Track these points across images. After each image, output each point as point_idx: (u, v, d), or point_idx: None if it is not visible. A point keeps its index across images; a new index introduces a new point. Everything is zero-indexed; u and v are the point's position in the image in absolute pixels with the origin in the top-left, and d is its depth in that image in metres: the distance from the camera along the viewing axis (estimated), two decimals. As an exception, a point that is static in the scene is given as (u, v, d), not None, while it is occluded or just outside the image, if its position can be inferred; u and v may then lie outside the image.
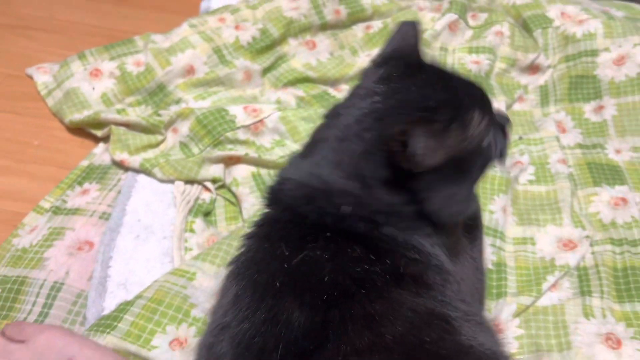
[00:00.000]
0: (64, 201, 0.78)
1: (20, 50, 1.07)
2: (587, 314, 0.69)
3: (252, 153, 0.82)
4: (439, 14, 1.06)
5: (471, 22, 1.06)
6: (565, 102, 0.99)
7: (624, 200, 0.81)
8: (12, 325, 0.53)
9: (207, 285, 0.61)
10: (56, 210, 0.76)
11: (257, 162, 0.83)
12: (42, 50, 1.08)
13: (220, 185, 0.80)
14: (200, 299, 0.59)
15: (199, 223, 0.73)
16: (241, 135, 0.83)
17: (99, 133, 0.89)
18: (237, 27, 0.99)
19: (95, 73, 0.95)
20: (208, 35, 0.97)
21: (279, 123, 0.85)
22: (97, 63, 0.97)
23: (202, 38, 0.97)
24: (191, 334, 0.56)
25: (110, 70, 0.95)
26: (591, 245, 0.75)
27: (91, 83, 0.94)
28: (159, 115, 0.90)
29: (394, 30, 0.56)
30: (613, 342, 0.67)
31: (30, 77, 0.99)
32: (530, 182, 0.82)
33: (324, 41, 1.01)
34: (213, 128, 0.82)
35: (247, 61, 0.96)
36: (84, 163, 0.85)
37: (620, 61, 0.97)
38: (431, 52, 1.00)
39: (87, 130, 0.90)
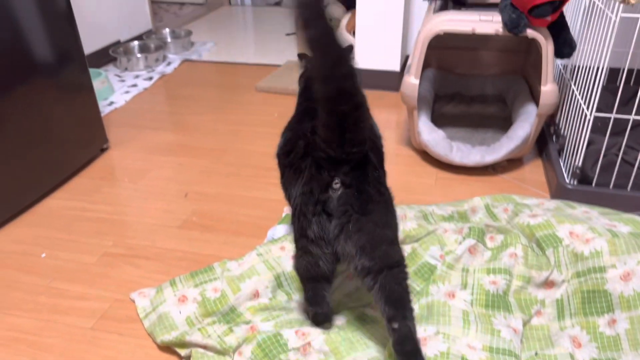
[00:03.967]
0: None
1: (127, 277, 1.36)
2: None
3: (300, 372, 1.00)
4: (461, 236, 1.26)
5: (489, 244, 1.24)
6: (580, 315, 1.10)
7: (637, 419, 0.89)
8: None
9: None
10: None
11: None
12: (144, 275, 1.36)
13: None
14: None
15: None
16: (292, 356, 1.01)
17: (182, 352, 1.10)
18: (292, 258, 1.24)
19: (182, 299, 1.20)
20: (271, 264, 1.22)
21: (323, 345, 1.03)
22: (184, 290, 1.22)
23: (266, 266, 1.22)
24: None
25: (194, 296, 1.20)
26: None
27: (179, 307, 1.19)
28: (232, 331, 1.11)
29: None
30: None
31: (133, 301, 1.26)
32: (541, 402, 0.92)
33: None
34: (270, 351, 1.01)
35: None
36: (169, 380, 1.06)
37: (627, 277, 1.09)
38: (455, 273, 1.18)
39: (173, 349, 1.13)
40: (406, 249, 1.26)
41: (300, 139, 1.00)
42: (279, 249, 1.28)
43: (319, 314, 1.09)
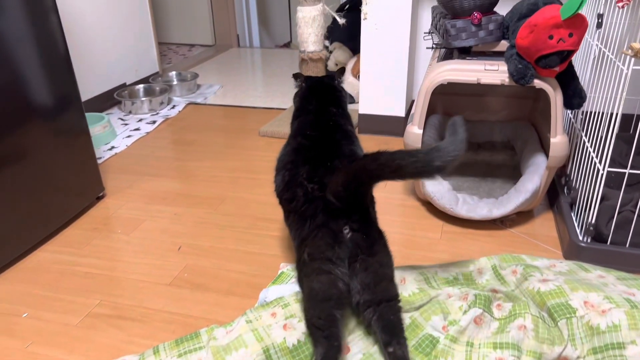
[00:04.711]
0: None
1: (110, 341, 1.27)
2: None
3: None
4: (466, 303, 1.16)
5: (496, 313, 1.14)
6: (598, 399, 1.00)
7: None
8: None
9: None
10: None
11: None
12: (127, 340, 1.28)
13: None
14: None
15: None
16: None
17: None
18: (284, 327, 1.15)
19: (164, 371, 1.12)
20: (260, 335, 1.13)
21: None
22: (167, 360, 1.14)
23: (255, 337, 1.13)
24: None
25: (176, 368, 1.12)
26: None
27: (159, 381, 1.10)
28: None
29: None
30: None
31: (113, 371, 1.18)
32: None
33: (357, 343, 1.13)
34: None
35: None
36: None
37: (648, 356, 0.99)
38: (458, 347, 1.08)
39: None
40: (405, 319, 1.17)
41: (298, 187, 1.15)
42: (270, 316, 1.20)
43: (331, 347, 1.00)
